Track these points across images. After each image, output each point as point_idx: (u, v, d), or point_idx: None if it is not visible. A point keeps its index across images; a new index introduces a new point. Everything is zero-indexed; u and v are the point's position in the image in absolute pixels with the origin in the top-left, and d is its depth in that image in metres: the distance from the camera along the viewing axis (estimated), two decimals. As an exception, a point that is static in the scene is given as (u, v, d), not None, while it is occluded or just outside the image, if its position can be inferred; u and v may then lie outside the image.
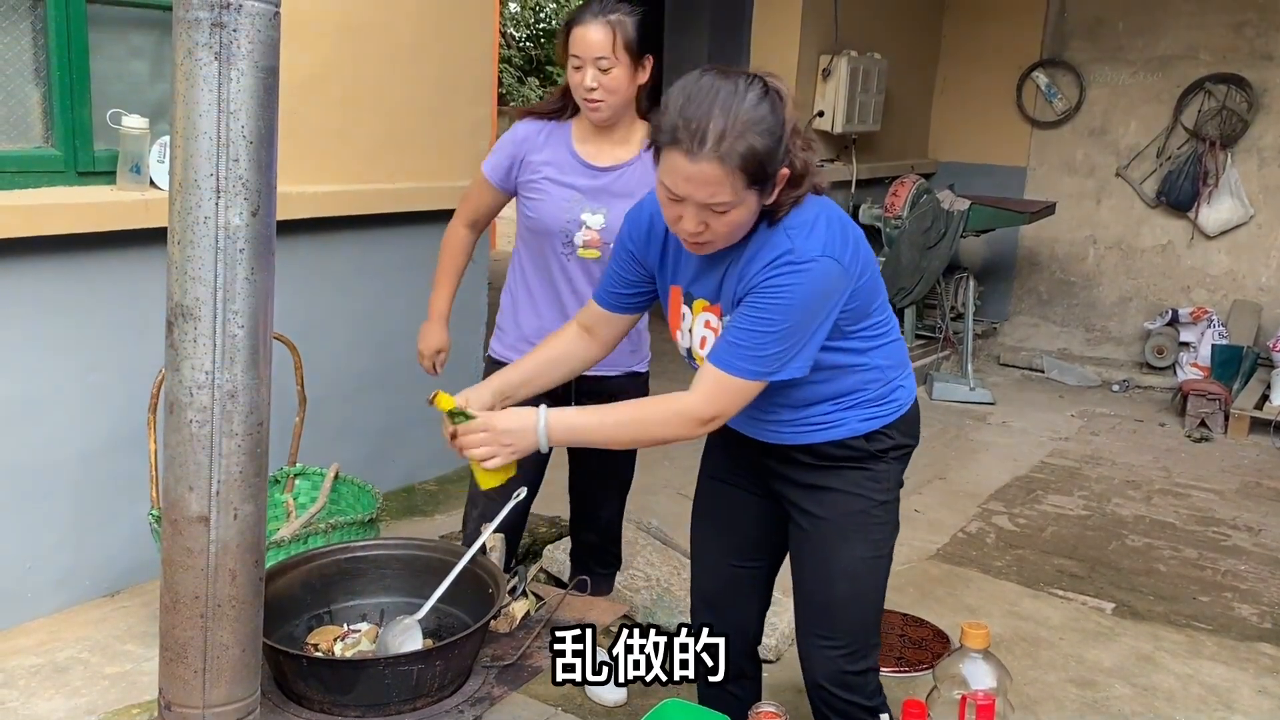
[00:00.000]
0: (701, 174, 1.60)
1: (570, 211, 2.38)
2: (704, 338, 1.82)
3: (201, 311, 1.36)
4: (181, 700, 1.44)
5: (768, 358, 1.69)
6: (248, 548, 1.43)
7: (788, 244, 1.68)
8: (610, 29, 2.25)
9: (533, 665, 1.82)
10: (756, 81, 1.64)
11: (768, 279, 1.67)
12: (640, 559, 3.49)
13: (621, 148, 2.39)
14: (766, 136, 1.60)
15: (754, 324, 1.68)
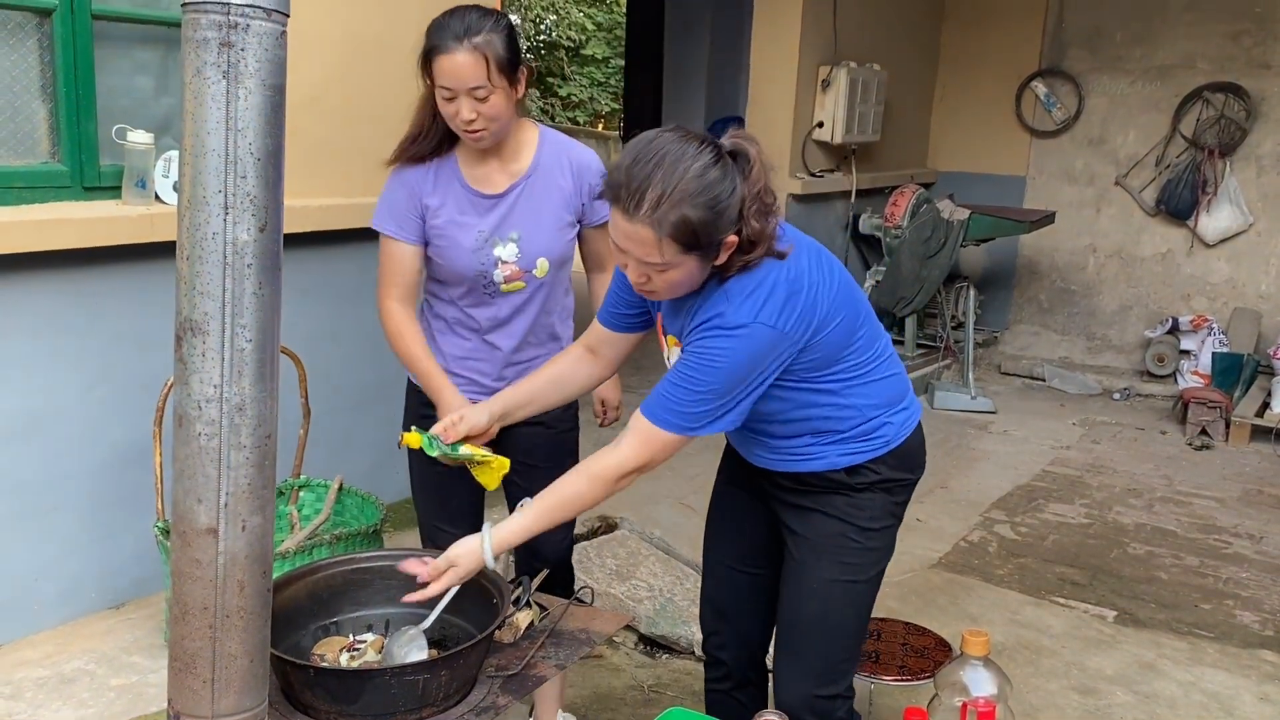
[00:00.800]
0: (636, 234, 1.64)
1: (482, 252, 2.21)
2: None
3: (210, 326, 1.38)
4: (191, 710, 1.45)
5: (694, 415, 1.73)
6: (255, 559, 1.45)
7: (721, 307, 1.71)
8: (480, 55, 2.03)
9: (537, 675, 1.83)
10: (708, 148, 1.64)
11: (700, 339, 1.71)
12: (643, 569, 3.51)
13: (515, 161, 2.22)
14: (704, 209, 1.61)
15: (683, 380, 1.72)
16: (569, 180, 2.25)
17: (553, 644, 1.93)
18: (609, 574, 3.44)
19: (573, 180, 2.25)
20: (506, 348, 2.31)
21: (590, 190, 2.26)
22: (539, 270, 2.25)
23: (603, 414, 2.59)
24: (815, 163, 5.98)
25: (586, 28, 17.91)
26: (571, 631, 1.98)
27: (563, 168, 2.24)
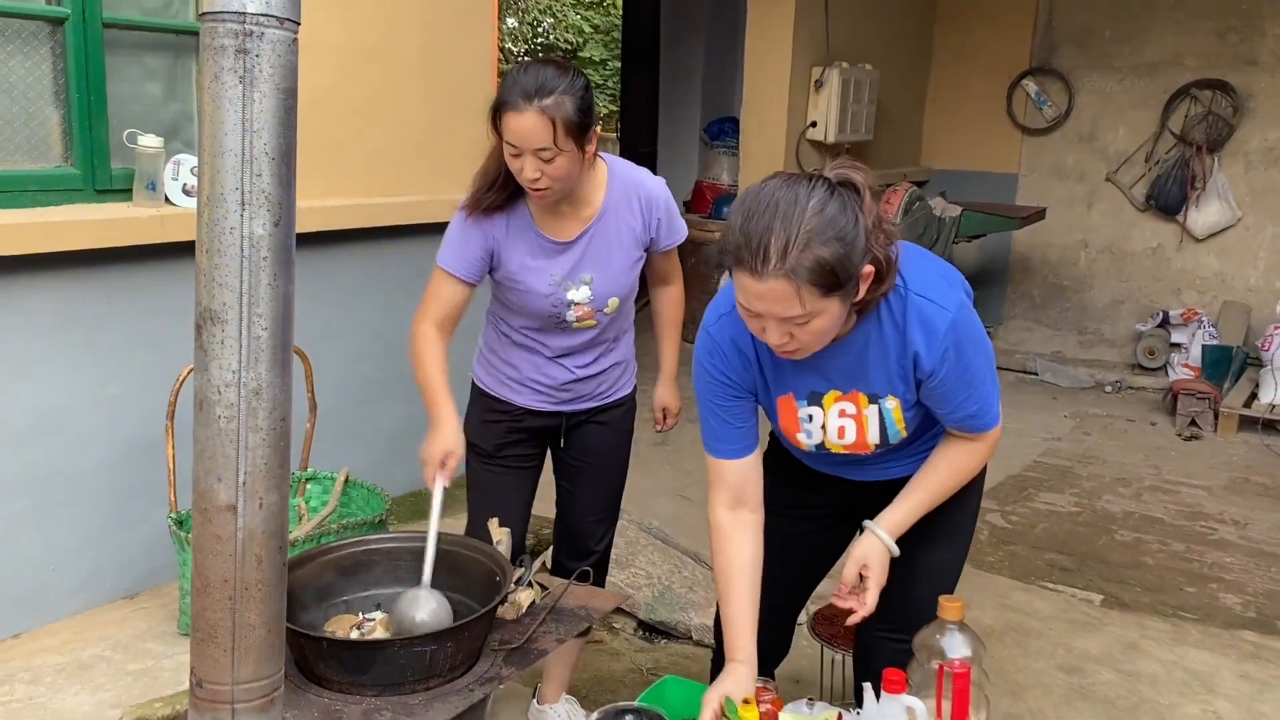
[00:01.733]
0: (772, 292, 1.56)
1: (555, 296, 2.24)
2: (841, 428, 1.86)
3: (228, 315, 1.47)
4: (212, 678, 1.54)
5: (997, 389, 1.82)
6: (272, 534, 1.54)
7: (930, 313, 1.70)
8: (547, 120, 2.00)
9: (538, 648, 1.92)
10: (820, 184, 1.58)
11: (949, 347, 1.70)
12: (642, 558, 3.60)
13: (585, 206, 2.23)
14: (835, 244, 1.54)
15: (978, 378, 1.75)
16: (638, 219, 2.27)
17: (553, 620, 2.03)
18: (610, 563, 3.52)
19: (641, 217, 2.28)
20: (574, 367, 2.38)
21: (658, 223, 2.31)
22: (609, 309, 2.31)
23: (663, 420, 2.68)
24: (809, 162, 6.07)
25: (584, 30, 18.01)
26: (571, 609, 2.08)
27: (631, 206, 2.26)
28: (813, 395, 1.84)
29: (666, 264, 2.48)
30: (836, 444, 1.88)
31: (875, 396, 1.81)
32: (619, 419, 2.50)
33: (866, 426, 1.84)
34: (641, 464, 4.39)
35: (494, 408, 2.42)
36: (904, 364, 1.74)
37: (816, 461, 2.04)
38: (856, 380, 1.80)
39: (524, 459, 2.46)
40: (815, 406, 1.85)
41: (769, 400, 1.89)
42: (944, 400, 1.77)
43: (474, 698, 1.75)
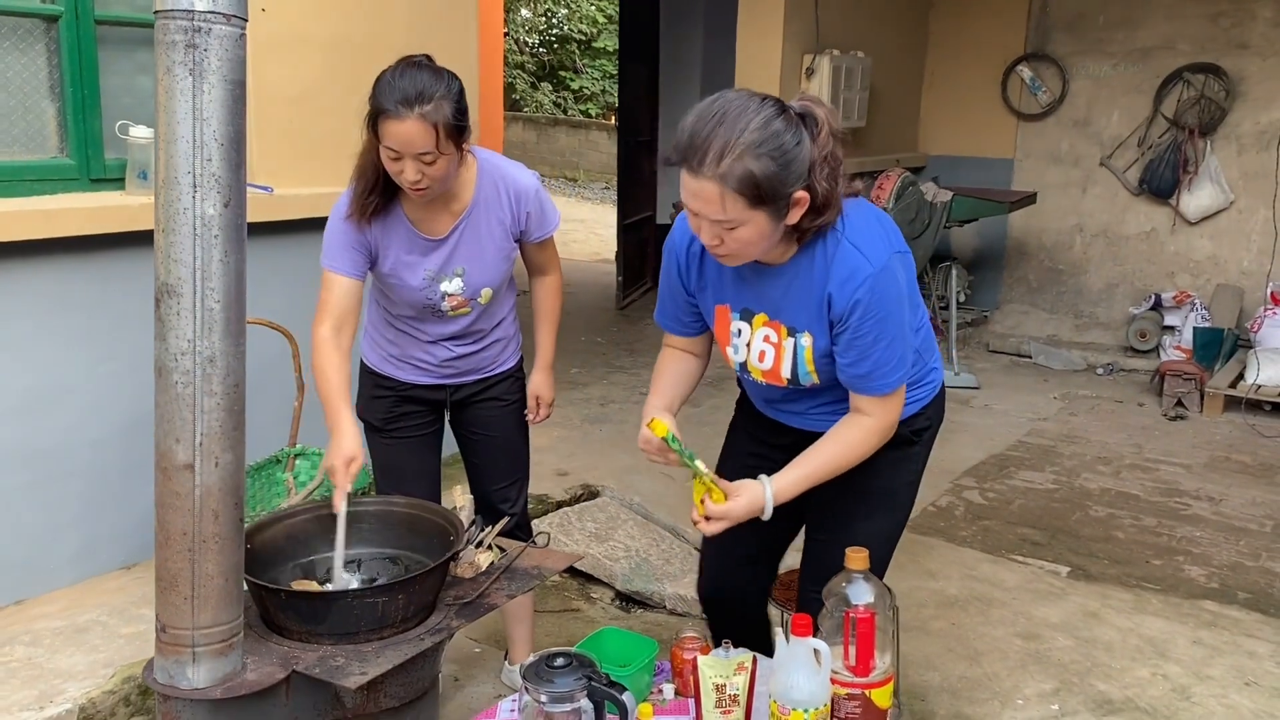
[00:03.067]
0: (703, 190, 1.65)
1: (430, 289, 2.34)
2: (762, 351, 1.93)
3: (183, 289, 1.60)
4: (174, 623, 1.68)
5: (906, 359, 1.85)
6: (228, 491, 1.67)
7: (854, 260, 1.76)
8: (429, 126, 2.07)
9: (489, 603, 2.05)
10: (771, 104, 1.66)
11: (862, 299, 1.76)
12: (621, 532, 3.73)
13: (456, 200, 2.31)
14: (768, 160, 1.62)
15: (881, 340, 1.79)
16: (507, 211, 2.37)
17: (506, 578, 2.15)
18: (588, 536, 3.66)
19: (511, 210, 2.38)
20: (453, 347, 2.49)
21: (528, 216, 2.40)
22: (483, 298, 2.42)
23: (536, 409, 2.69)
24: (801, 148, 6.15)
25: (597, 20, 18.09)
26: (525, 569, 2.20)
27: (500, 200, 2.36)
28: (745, 312, 1.93)
29: (541, 255, 2.56)
30: (756, 367, 1.96)
31: (793, 330, 1.88)
32: (505, 390, 2.59)
33: (782, 358, 1.91)
34: (626, 443, 4.52)
35: (380, 383, 2.53)
36: (820, 304, 1.81)
37: (754, 395, 2.15)
38: (781, 310, 1.88)
39: (416, 429, 2.56)
40: (745, 323, 1.94)
41: (708, 304, 1.99)
42: (845, 350, 1.83)
43: (424, 645, 1.87)
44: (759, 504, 1.88)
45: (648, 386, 3.50)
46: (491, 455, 2.60)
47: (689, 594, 3.39)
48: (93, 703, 2.53)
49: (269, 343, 3.25)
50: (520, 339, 2.65)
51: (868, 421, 1.90)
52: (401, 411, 2.53)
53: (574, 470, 4.18)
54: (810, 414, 2.05)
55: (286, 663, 1.80)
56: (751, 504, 1.88)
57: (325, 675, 1.77)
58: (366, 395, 2.56)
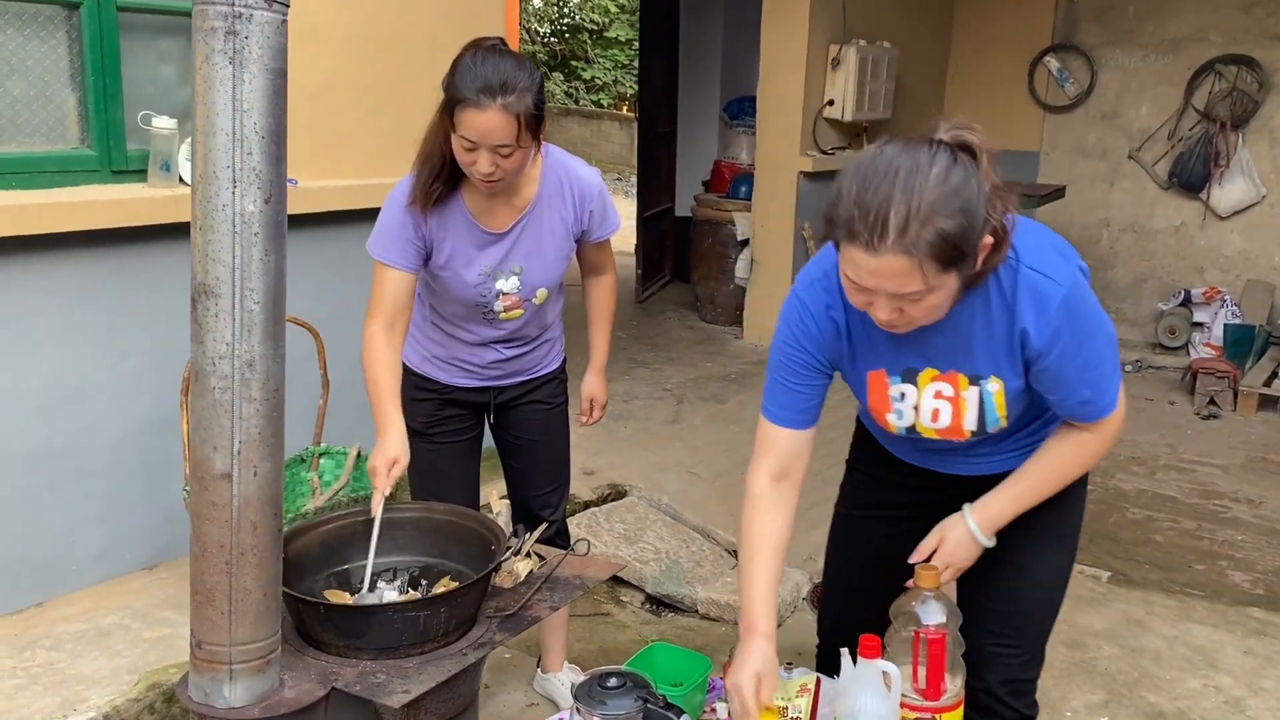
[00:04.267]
0: (887, 267, 1.44)
1: (484, 287, 2.23)
2: (936, 410, 1.72)
3: (221, 289, 1.52)
4: (210, 639, 1.60)
5: (1118, 366, 1.68)
6: (267, 501, 1.59)
7: (1044, 287, 1.56)
8: (511, 117, 1.96)
9: (532, 615, 1.97)
10: (942, 151, 1.46)
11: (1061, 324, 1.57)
12: (650, 533, 3.65)
13: (519, 194, 2.20)
14: (959, 216, 1.42)
15: (1092, 359, 1.61)
16: (570, 209, 2.28)
17: (548, 588, 2.07)
18: (617, 537, 3.58)
19: (574, 209, 2.28)
20: (501, 348, 2.40)
21: (591, 215, 2.31)
22: (538, 299, 2.33)
23: (589, 412, 2.63)
24: (826, 140, 6.06)
25: (610, 10, 17.97)
26: (566, 578, 2.12)
27: (564, 197, 2.27)
28: (907, 372, 1.71)
29: (599, 255, 2.47)
30: (929, 428, 1.74)
31: (977, 378, 1.67)
32: (550, 393, 2.50)
33: (964, 410, 1.70)
34: (651, 440, 4.44)
35: (422, 385, 2.44)
36: (1011, 342, 1.61)
37: (904, 449, 1.93)
38: (957, 359, 1.67)
39: (458, 434, 2.48)
40: (909, 384, 1.72)
41: (857, 375, 1.77)
42: (1055, 384, 1.64)
43: (466, 661, 1.80)
44: (965, 538, 1.75)
45: (671, 383, 3.32)
46: (533, 460, 2.52)
47: (722, 598, 3.31)
48: (117, 710, 2.46)
49: (293, 339, 3.16)
50: (564, 339, 2.57)
51: (1088, 438, 1.71)
52: (444, 415, 2.45)
53: (600, 469, 4.10)
54: (987, 459, 1.84)
55: (325, 679, 1.72)
56: (959, 544, 1.75)
57: (366, 693, 1.69)
58: (406, 397, 2.47)
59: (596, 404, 2.62)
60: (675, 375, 5.42)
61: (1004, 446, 1.82)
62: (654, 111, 7.58)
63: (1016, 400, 1.69)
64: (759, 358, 5.90)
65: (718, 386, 5.25)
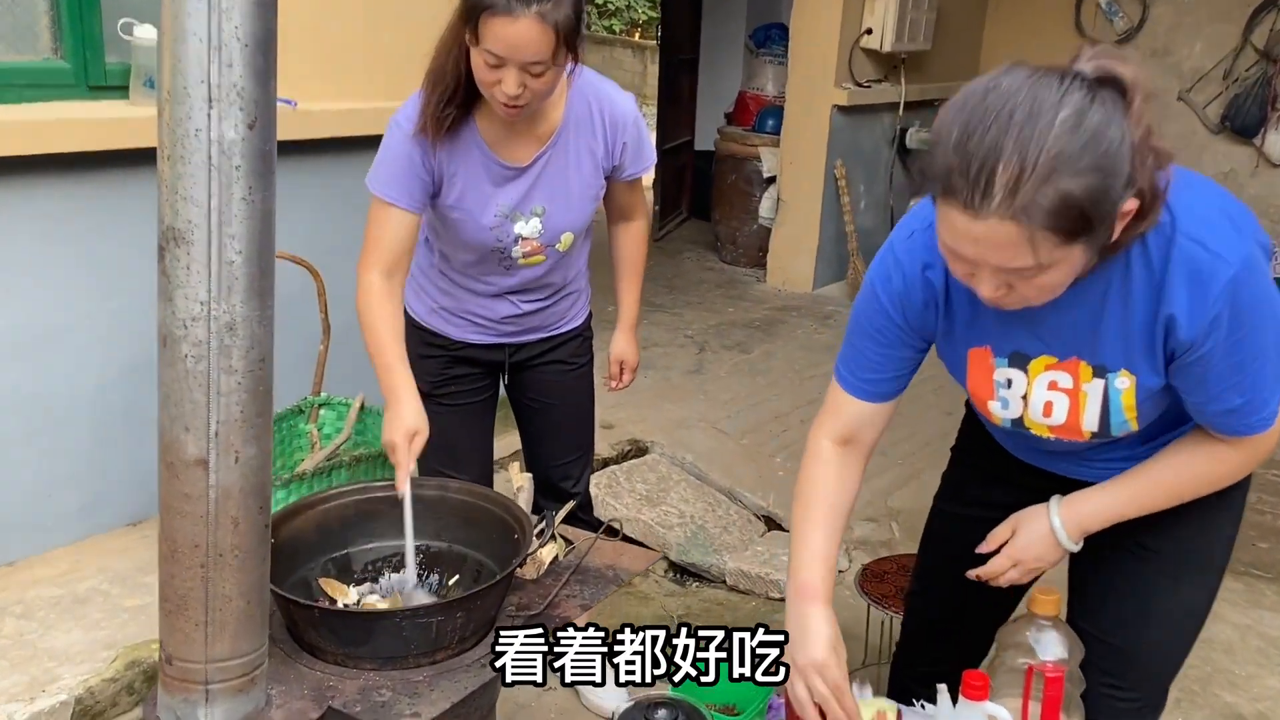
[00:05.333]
0: (992, 235, 1.15)
1: (501, 229, 1.96)
2: (1049, 403, 1.42)
3: (195, 235, 1.23)
4: (183, 655, 1.35)
5: (1278, 390, 1.34)
6: (251, 493, 1.32)
7: (1206, 263, 1.24)
8: (548, 29, 1.69)
9: (561, 615, 1.71)
10: (1076, 87, 1.14)
11: (1222, 312, 1.25)
12: (674, 495, 3.39)
13: (543, 121, 1.91)
14: (1091, 174, 1.11)
15: (1254, 361, 1.29)
16: (600, 140, 1.99)
17: (578, 581, 1.82)
18: (639, 499, 3.32)
19: (605, 140, 1.99)
20: (519, 302, 2.13)
21: (624, 148, 2.01)
22: (561, 245, 2.04)
23: (619, 376, 2.36)
24: (862, 72, 5.69)
25: (625, -70, 17.32)
26: (598, 568, 1.86)
27: (594, 125, 1.97)
28: (1016, 356, 1.41)
29: (630, 195, 2.17)
30: (1039, 423, 1.45)
31: (1103, 369, 1.36)
32: (573, 352, 2.23)
33: (1084, 407, 1.40)
34: (673, 392, 4.17)
35: (428, 340, 2.17)
36: (1152, 329, 1.30)
37: (1016, 445, 1.63)
38: (1081, 344, 1.36)
39: (469, 395, 2.21)
40: (1018, 370, 1.42)
41: (955, 351, 1.48)
42: (1200, 385, 1.33)
43: (485, 675, 1.54)
44: (1044, 534, 1.48)
45: (692, 329, 3.01)
46: (554, 426, 2.26)
47: (752, 569, 3.07)
48: (91, 692, 2.22)
49: (290, 278, 2.89)
50: (590, 292, 2.29)
51: (1228, 454, 1.40)
52: (453, 374, 2.17)
53: (619, 423, 3.83)
54: (1115, 465, 1.52)
55: (321, 696, 1.47)
56: (1037, 539, 1.49)
57: (368, 714, 1.44)
58: (412, 353, 2.20)
59: (627, 366, 2.35)
60: (696, 321, 5.12)
61: (1139, 452, 1.49)
62: (677, 37, 7.18)
63: (1151, 401, 1.38)
64: (783, 303, 5.60)
65: (741, 334, 4.96)
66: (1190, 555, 1.55)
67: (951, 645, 1.79)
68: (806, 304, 5.62)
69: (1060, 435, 1.45)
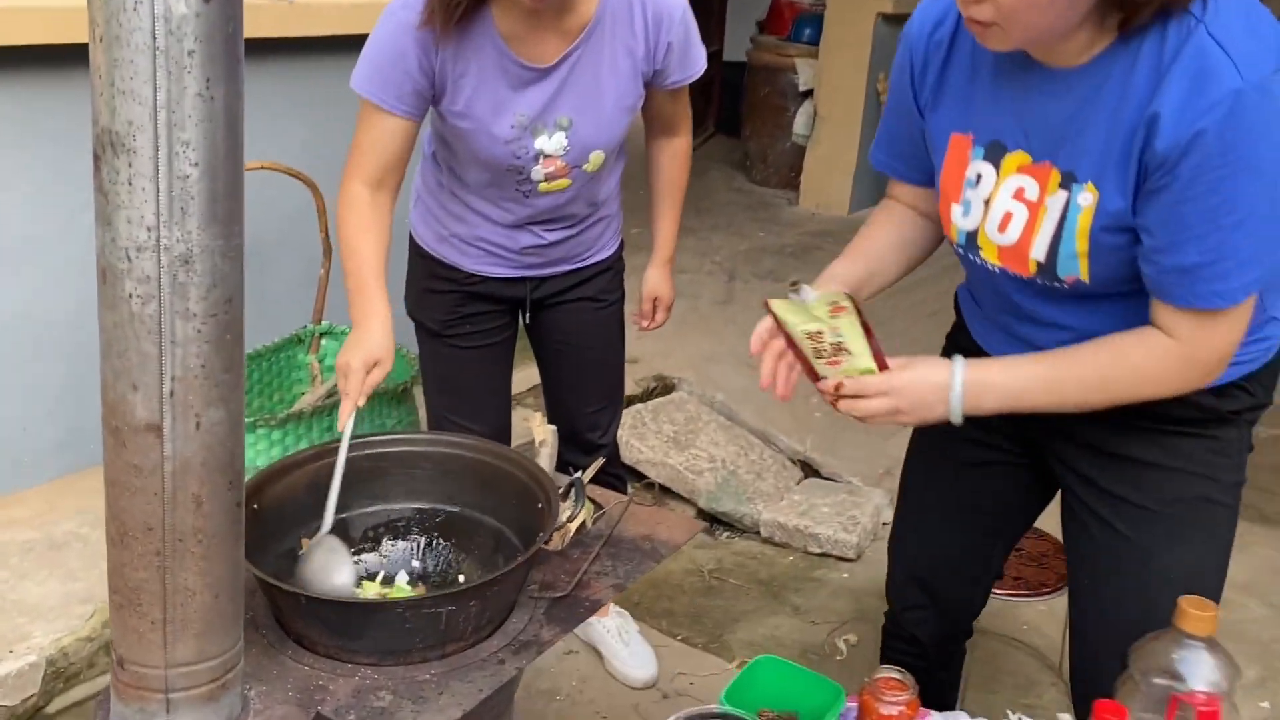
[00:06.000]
0: None
1: (519, 143, 1.69)
2: (1008, 214, 1.26)
3: (138, 141, 0.95)
4: (138, 658, 1.10)
5: (1263, 254, 1.15)
6: (217, 466, 1.07)
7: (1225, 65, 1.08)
8: None
9: (590, 598, 1.47)
10: None
11: (1210, 128, 1.08)
12: (704, 437, 3.15)
13: (572, 15, 1.65)
14: None
15: (1230, 208, 1.11)
16: (640, 40, 1.71)
17: (609, 554, 1.57)
18: (666, 441, 3.08)
19: (645, 39, 1.71)
20: (541, 233, 1.86)
21: (668, 49, 1.72)
22: (590, 165, 1.76)
23: (651, 315, 2.11)
24: (908, -21, 5.29)
25: None
26: (632, 539, 1.61)
27: (634, 20, 1.70)
28: (994, 147, 1.28)
29: (673, 106, 1.89)
30: (991, 241, 1.29)
31: (1070, 177, 1.20)
32: (602, 287, 1.97)
33: (1039, 225, 1.24)
34: (701, 323, 3.90)
35: (438, 273, 1.91)
36: (1134, 132, 1.13)
37: (981, 303, 1.45)
38: (1059, 145, 1.21)
39: (485, 336, 1.96)
40: (989, 165, 1.28)
41: (939, 132, 1.34)
42: (1162, 225, 1.14)
43: (503, 675, 1.30)
44: (939, 388, 1.26)
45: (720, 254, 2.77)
46: (580, 371, 2.00)
47: (789, 520, 2.83)
48: (64, 653, 2.01)
49: (288, 193, 2.61)
50: (621, 218, 2.01)
51: (1168, 344, 1.21)
52: (466, 312, 1.91)
53: (644, 357, 3.56)
54: (1062, 331, 1.34)
55: (308, 701, 1.23)
56: (924, 384, 1.27)
57: (365, 724, 1.21)
58: (419, 287, 1.94)
59: (661, 304, 2.09)
60: (725, 246, 4.82)
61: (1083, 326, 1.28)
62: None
63: (1107, 236, 1.20)
64: (818, 228, 5.28)
65: (773, 261, 4.66)
66: (1186, 507, 1.35)
67: (940, 589, 1.66)
68: (842, 229, 5.28)
69: (1007, 265, 1.30)
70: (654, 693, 2.20)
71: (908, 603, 1.71)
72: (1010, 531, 1.65)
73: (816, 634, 2.41)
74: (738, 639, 2.38)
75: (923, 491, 1.66)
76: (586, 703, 2.17)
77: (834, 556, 2.73)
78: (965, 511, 1.60)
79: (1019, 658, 2.34)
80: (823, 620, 2.46)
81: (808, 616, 2.48)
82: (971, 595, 1.70)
